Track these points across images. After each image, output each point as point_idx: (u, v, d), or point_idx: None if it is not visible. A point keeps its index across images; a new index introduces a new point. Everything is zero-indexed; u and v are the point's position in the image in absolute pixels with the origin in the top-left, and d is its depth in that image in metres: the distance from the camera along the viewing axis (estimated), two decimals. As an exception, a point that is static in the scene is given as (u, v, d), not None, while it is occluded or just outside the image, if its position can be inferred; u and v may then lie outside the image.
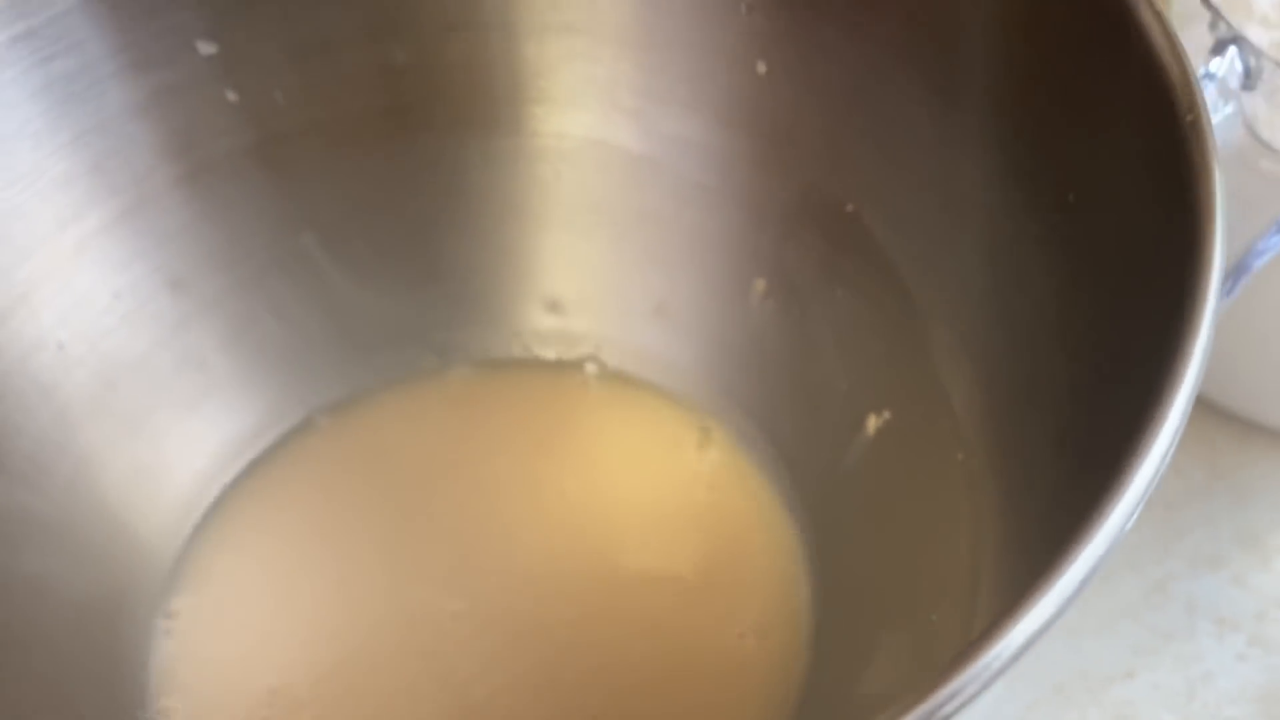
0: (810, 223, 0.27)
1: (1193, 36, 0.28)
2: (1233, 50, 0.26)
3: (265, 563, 0.26)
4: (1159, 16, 0.16)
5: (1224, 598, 0.32)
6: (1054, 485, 0.18)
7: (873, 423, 0.26)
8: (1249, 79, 0.27)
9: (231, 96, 0.27)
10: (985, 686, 0.13)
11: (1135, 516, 0.14)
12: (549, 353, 0.31)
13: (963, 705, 0.13)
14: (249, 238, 0.29)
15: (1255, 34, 0.29)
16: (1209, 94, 0.26)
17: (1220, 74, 0.26)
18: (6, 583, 0.24)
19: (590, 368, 0.30)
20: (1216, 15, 0.27)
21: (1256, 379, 0.34)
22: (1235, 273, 0.25)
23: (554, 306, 0.31)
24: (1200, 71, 0.27)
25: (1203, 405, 0.35)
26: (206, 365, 0.29)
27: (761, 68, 0.25)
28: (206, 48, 0.26)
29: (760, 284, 0.28)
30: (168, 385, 0.28)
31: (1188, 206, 0.15)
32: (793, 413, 0.28)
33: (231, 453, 0.28)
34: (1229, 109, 0.26)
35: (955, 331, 0.22)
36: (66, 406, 0.26)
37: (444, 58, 0.27)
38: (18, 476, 0.25)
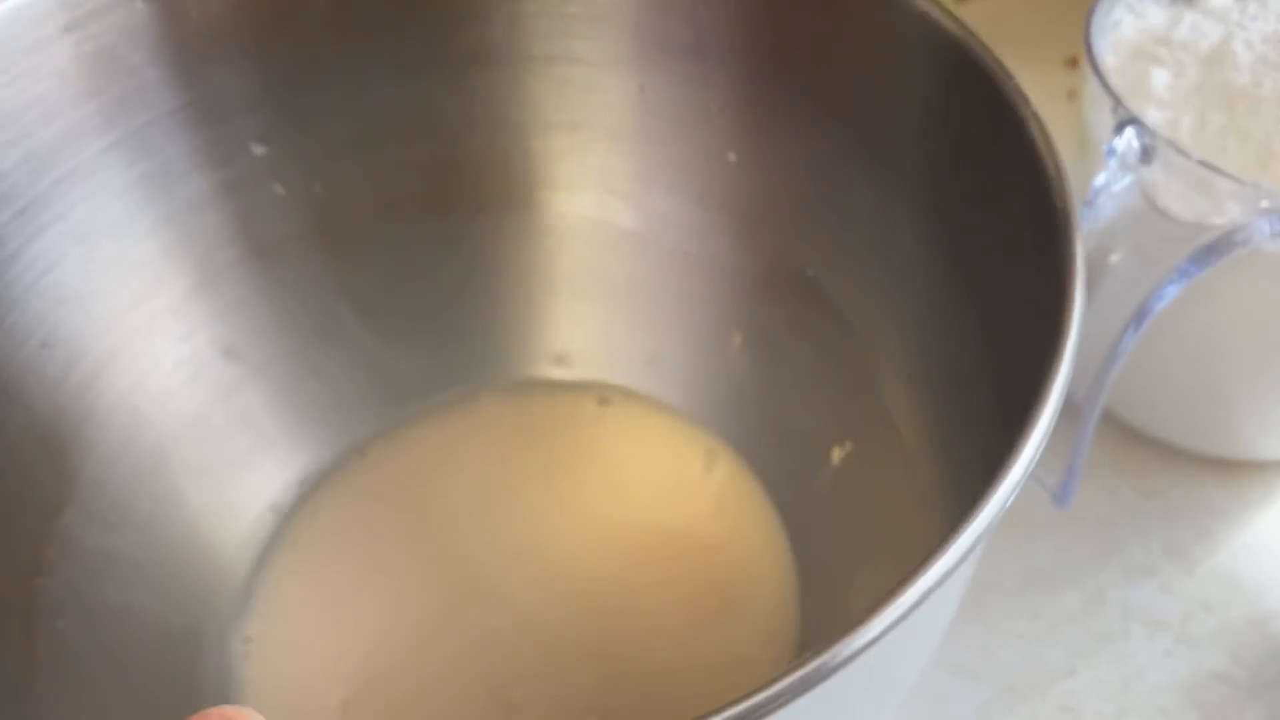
0: (778, 286, 0.31)
1: (1100, 117, 0.33)
2: (1130, 130, 0.31)
3: (326, 586, 0.30)
4: (1043, 129, 0.21)
5: (1154, 603, 0.36)
6: (977, 479, 0.22)
7: (837, 453, 0.30)
8: (1146, 154, 0.31)
9: (279, 189, 0.31)
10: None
11: (1018, 487, 0.18)
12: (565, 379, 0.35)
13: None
14: (293, 310, 0.33)
15: (1152, 115, 0.34)
16: (1111, 167, 0.31)
17: (1121, 150, 0.31)
18: (96, 613, 0.28)
19: (608, 396, 0.34)
20: (1117, 100, 0.32)
21: (1176, 410, 0.38)
22: (1139, 315, 0.30)
23: (561, 360, 0.36)
24: (1105, 148, 0.31)
25: (1133, 434, 0.39)
26: (258, 421, 0.33)
27: (732, 157, 0.30)
28: (258, 149, 0.31)
29: (737, 338, 0.33)
30: (225, 438, 0.32)
31: (1061, 264, 0.19)
32: (769, 447, 0.32)
33: (285, 489, 0.33)
34: (1128, 180, 0.31)
35: (899, 370, 0.27)
36: (140, 460, 0.30)
37: (463, 151, 0.32)
38: (103, 520, 0.29)
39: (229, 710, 0.15)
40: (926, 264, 0.25)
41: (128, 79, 0.27)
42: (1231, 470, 0.39)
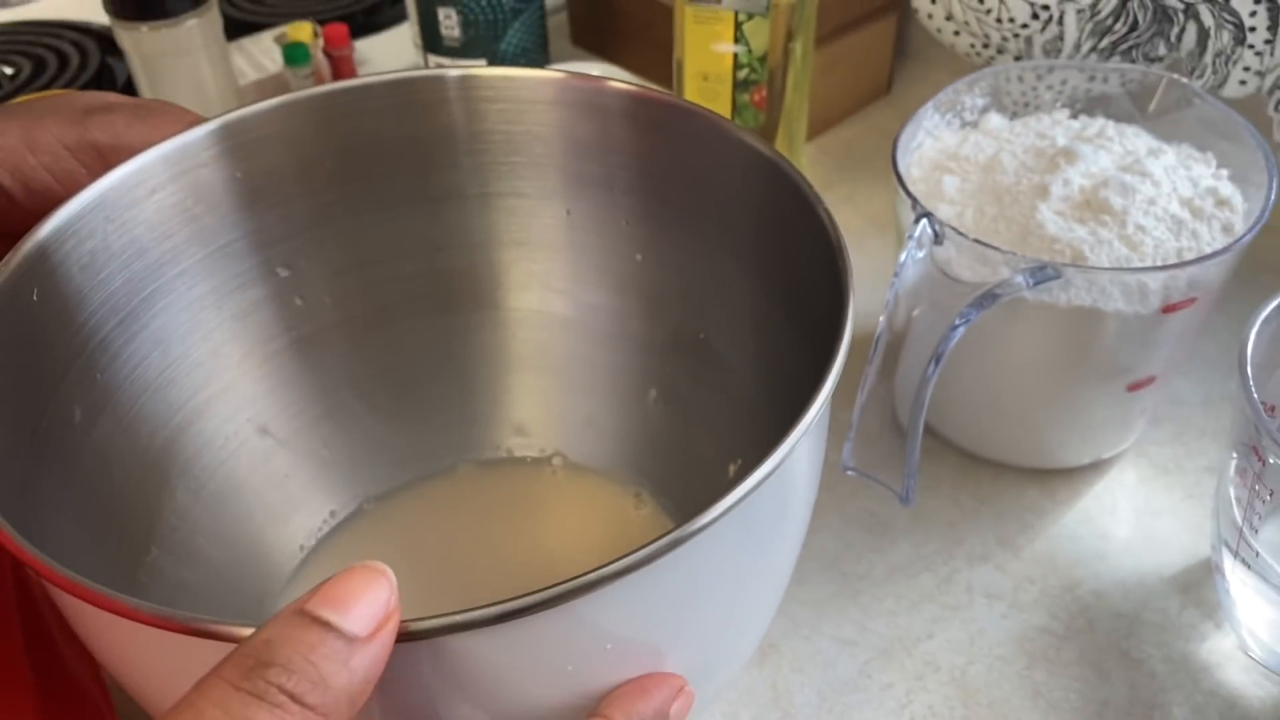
0: (680, 349, 0.42)
1: (906, 214, 0.45)
2: (925, 221, 0.43)
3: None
4: (831, 217, 0.31)
5: (991, 580, 0.46)
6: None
7: (732, 469, 0.40)
8: (938, 238, 0.43)
9: (298, 302, 0.41)
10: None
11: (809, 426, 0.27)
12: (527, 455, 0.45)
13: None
14: (308, 395, 0.42)
15: (944, 210, 0.45)
16: (910, 247, 0.42)
17: (917, 235, 0.42)
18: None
19: (557, 461, 0.44)
20: (915, 201, 0.43)
21: (997, 434, 0.49)
22: (938, 354, 0.40)
23: (520, 430, 0.45)
24: (907, 235, 0.43)
25: (968, 456, 0.50)
26: (285, 484, 0.42)
27: (639, 257, 0.41)
28: (283, 272, 0.41)
29: (653, 392, 0.43)
30: (262, 495, 0.41)
31: (841, 304, 0.29)
32: (680, 477, 0.42)
33: (309, 532, 0.42)
34: (922, 254, 0.42)
35: (769, 397, 0.37)
36: (201, 512, 0.39)
37: (438, 266, 0.42)
38: (177, 557, 0.38)
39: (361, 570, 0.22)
40: (773, 314, 0.36)
41: (192, 224, 0.37)
42: (1045, 477, 0.49)
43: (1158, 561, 0.46)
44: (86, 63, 0.75)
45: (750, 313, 0.38)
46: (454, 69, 0.38)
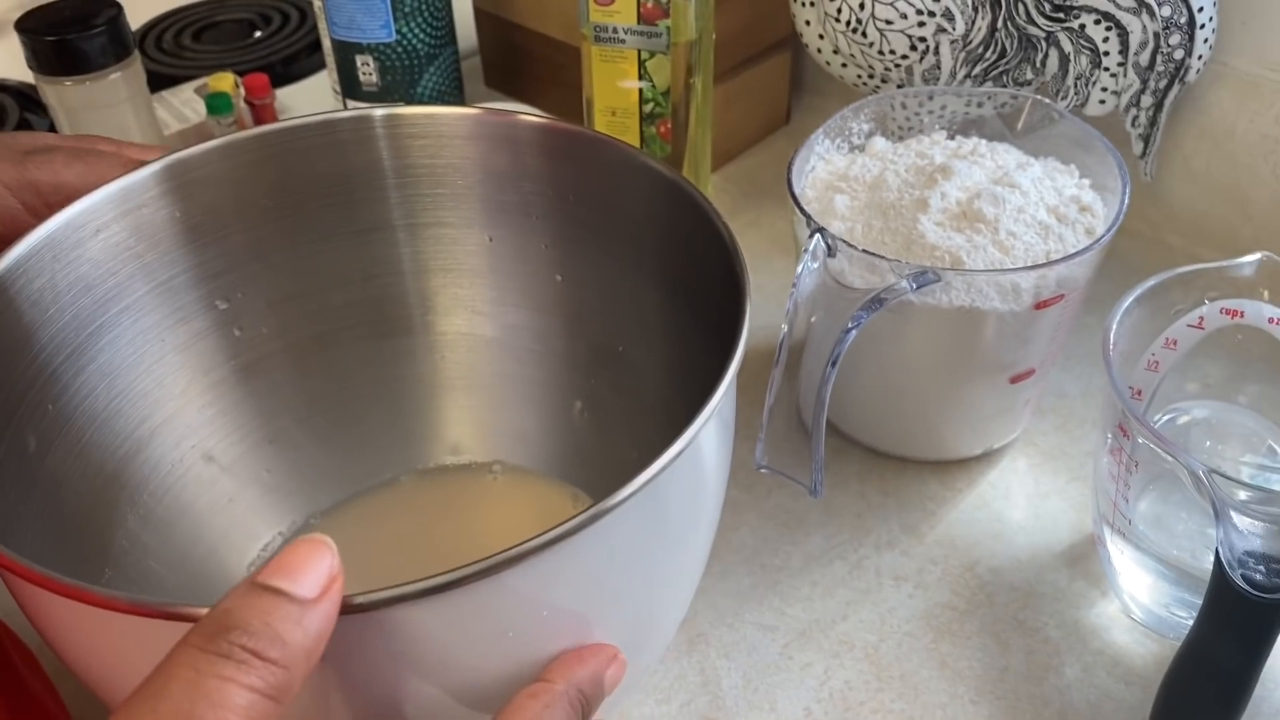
0: (601, 362, 0.45)
1: (803, 231, 0.48)
2: (818, 236, 0.46)
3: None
4: (729, 229, 0.35)
5: (898, 564, 0.49)
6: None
7: (654, 470, 0.43)
8: (831, 251, 0.47)
9: (237, 332, 0.44)
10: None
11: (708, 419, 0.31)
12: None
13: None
14: (249, 422, 0.45)
15: (836, 226, 0.49)
16: (805, 260, 0.46)
17: (811, 248, 0.46)
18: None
19: (497, 468, 0.47)
20: (808, 218, 0.47)
21: (898, 430, 0.53)
22: (832, 358, 0.44)
23: (454, 449, 0.48)
24: (804, 247, 0.47)
25: (872, 452, 0.54)
26: (231, 504, 0.44)
27: (559, 278, 0.44)
28: (222, 305, 0.43)
29: (578, 404, 0.46)
30: (209, 519, 0.43)
31: (739, 301, 0.33)
32: (608, 479, 0.45)
33: (257, 551, 0.44)
34: (816, 265, 0.46)
35: (685, 402, 0.40)
36: (151, 536, 0.41)
37: (368, 293, 0.45)
38: (129, 578, 0.39)
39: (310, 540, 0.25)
40: (684, 324, 0.40)
41: (135, 261, 0.40)
42: (944, 468, 0.53)
43: (1048, 539, 0.50)
44: (5, 119, 0.76)
45: (663, 324, 0.41)
46: (379, 108, 0.41)
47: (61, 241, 0.37)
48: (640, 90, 0.56)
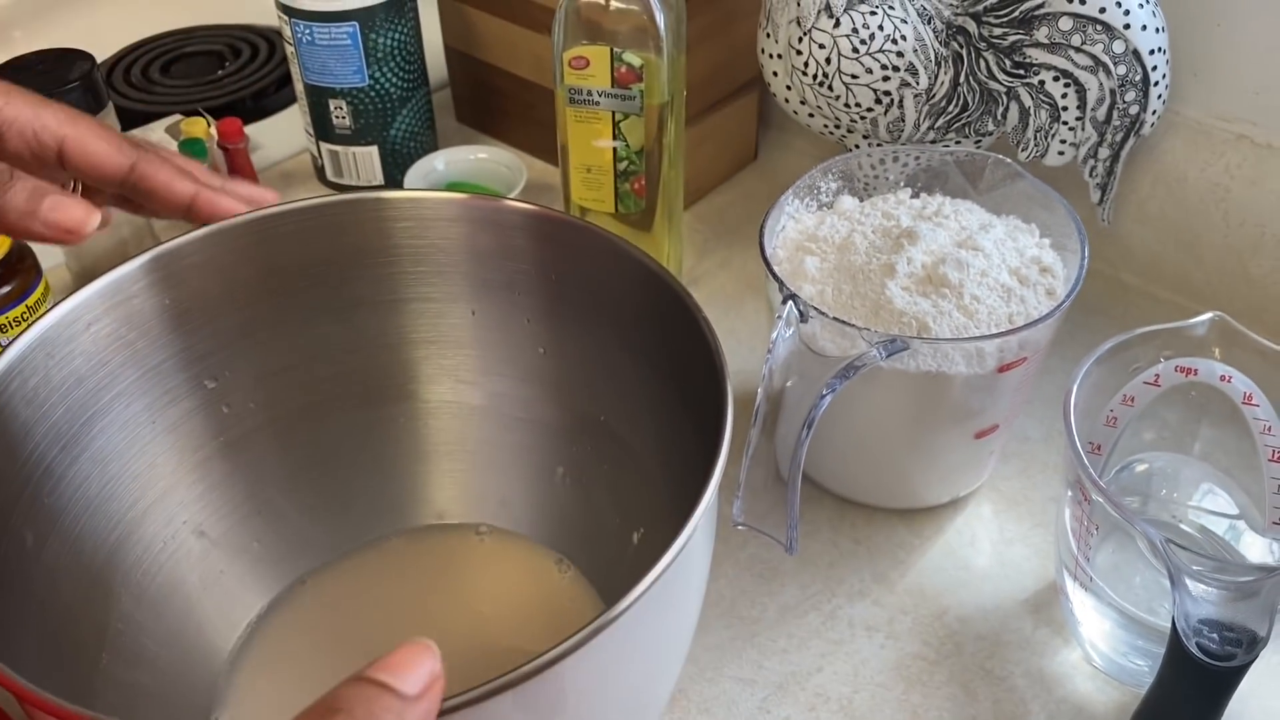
0: (583, 430, 0.46)
1: (775, 294, 0.50)
2: (791, 302, 0.48)
3: (283, 673, 0.42)
4: (708, 322, 0.37)
5: (869, 614, 0.51)
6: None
7: (636, 537, 0.45)
8: (803, 316, 0.48)
9: (225, 409, 0.45)
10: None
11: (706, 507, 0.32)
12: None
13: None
14: (236, 496, 0.46)
15: (807, 290, 0.51)
16: (780, 326, 0.47)
17: (785, 315, 0.48)
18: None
19: (484, 529, 0.48)
20: (781, 284, 0.49)
21: (868, 481, 0.55)
22: (809, 420, 0.46)
23: (440, 513, 0.49)
24: (776, 315, 0.48)
25: (843, 502, 0.56)
26: (220, 579, 0.45)
27: (541, 350, 0.45)
28: (210, 384, 0.44)
29: (560, 470, 0.47)
30: (200, 593, 0.44)
31: (719, 396, 0.35)
32: (590, 545, 0.47)
33: (247, 611, 0.45)
34: (790, 332, 0.47)
35: (663, 471, 0.42)
36: (145, 615, 0.42)
37: (352, 366, 0.46)
38: (126, 660, 0.40)
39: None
40: (664, 398, 0.41)
41: (126, 350, 0.40)
42: (912, 516, 0.55)
43: (1013, 586, 0.52)
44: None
45: (644, 397, 0.43)
46: (365, 193, 0.42)
47: (55, 339, 0.38)
48: (615, 149, 0.57)
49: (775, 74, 0.64)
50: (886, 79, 0.61)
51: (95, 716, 0.27)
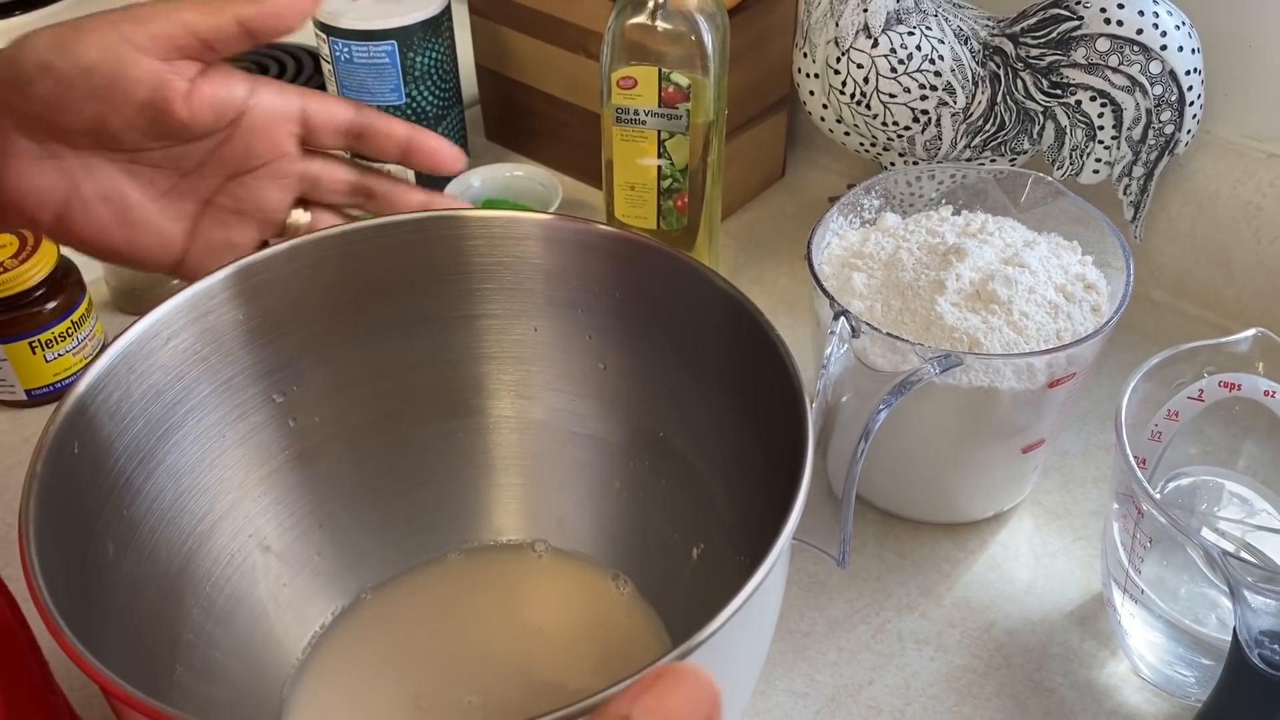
0: (640, 445, 0.47)
1: (824, 309, 0.51)
2: (843, 318, 0.49)
3: (346, 687, 0.43)
4: (784, 344, 0.37)
5: (918, 627, 0.52)
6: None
7: (695, 553, 0.45)
8: (855, 332, 0.49)
9: (291, 423, 0.45)
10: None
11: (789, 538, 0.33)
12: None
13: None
14: (300, 510, 0.46)
15: (856, 305, 0.52)
16: (834, 342, 0.48)
17: (839, 330, 0.48)
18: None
19: (540, 547, 0.49)
20: (832, 299, 0.49)
21: (914, 495, 0.56)
22: (865, 434, 0.46)
23: (498, 532, 0.50)
24: (829, 331, 0.49)
25: (889, 516, 0.56)
26: (284, 589, 0.45)
27: (602, 366, 0.46)
28: (278, 398, 0.44)
29: (617, 484, 0.48)
30: (265, 606, 0.44)
31: (799, 422, 0.35)
32: (652, 558, 0.47)
33: (312, 631, 0.45)
34: (845, 349, 0.48)
35: (724, 488, 0.43)
36: (214, 627, 0.42)
37: (417, 381, 0.46)
38: (197, 672, 0.41)
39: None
40: (729, 418, 0.42)
41: (201, 365, 0.41)
42: (957, 530, 0.56)
43: (1058, 599, 0.53)
44: None
45: (706, 415, 0.43)
46: (438, 212, 0.43)
47: (136, 353, 0.38)
48: (659, 167, 0.58)
49: (812, 93, 0.65)
50: (924, 98, 0.62)
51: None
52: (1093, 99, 0.60)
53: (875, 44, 0.61)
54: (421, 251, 0.43)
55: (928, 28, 0.61)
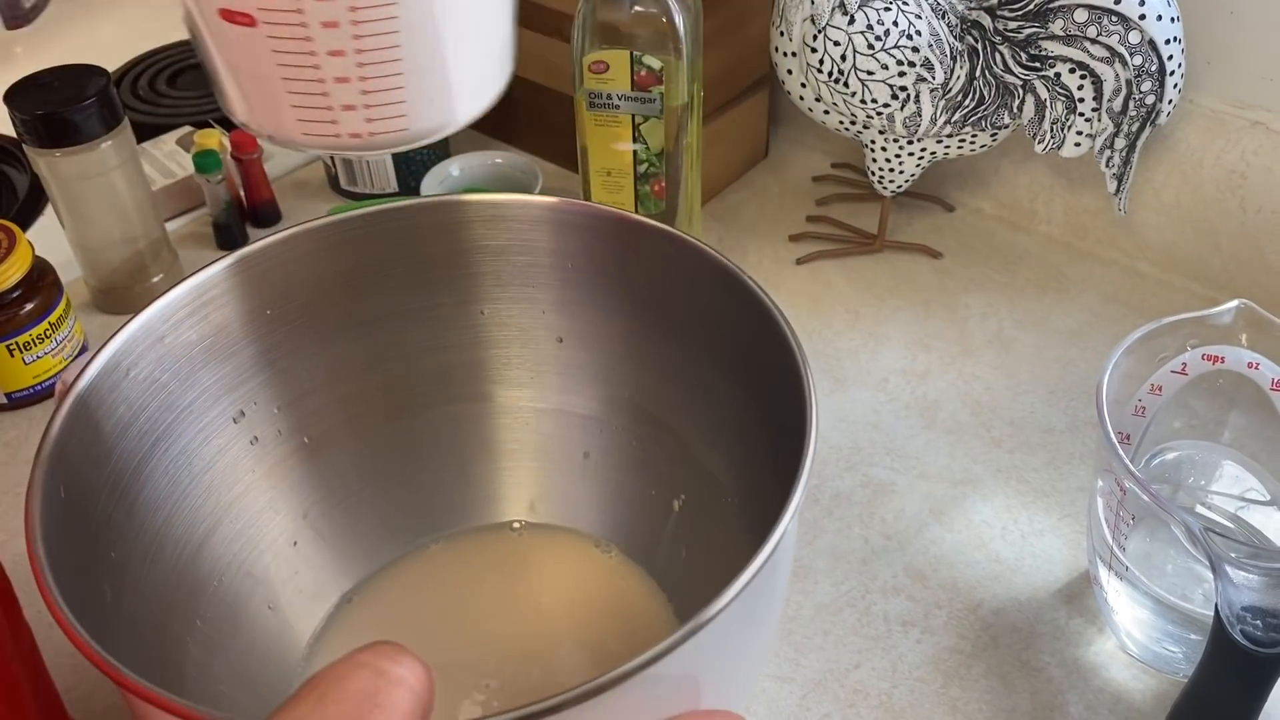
0: (609, 411, 0.47)
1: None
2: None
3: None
4: (778, 307, 0.37)
5: (904, 610, 0.51)
6: (768, 498, 0.36)
7: (676, 504, 0.45)
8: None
9: (252, 442, 0.44)
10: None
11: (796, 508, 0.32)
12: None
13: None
14: (305, 497, 0.46)
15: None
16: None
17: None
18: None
19: (517, 524, 0.49)
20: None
21: (897, 476, 0.55)
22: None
23: (479, 516, 0.50)
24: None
25: (870, 493, 0.56)
26: (309, 560, 0.46)
27: (559, 340, 0.46)
28: (239, 419, 0.44)
29: (587, 452, 0.48)
30: (290, 577, 0.45)
31: (801, 396, 0.35)
32: (630, 519, 0.47)
33: (316, 613, 0.46)
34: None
35: (713, 445, 0.42)
36: (228, 605, 0.42)
37: (424, 367, 0.46)
38: (206, 644, 0.40)
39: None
40: (716, 381, 0.42)
41: (160, 394, 0.40)
42: (941, 510, 0.55)
43: (1045, 577, 0.52)
44: (-13, 176, 0.76)
45: (675, 369, 0.44)
46: (446, 196, 0.44)
47: (156, 329, 0.40)
48: (635, 152, 0.57)
49: (790, 72, 0.65)
50: (902, 74, 0.61)
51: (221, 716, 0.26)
52: (1072, 71, 0.59)
53: (851, 20, 0.60)
54: (369, 247, 0.43)
55: (904, 3, 0.60)
